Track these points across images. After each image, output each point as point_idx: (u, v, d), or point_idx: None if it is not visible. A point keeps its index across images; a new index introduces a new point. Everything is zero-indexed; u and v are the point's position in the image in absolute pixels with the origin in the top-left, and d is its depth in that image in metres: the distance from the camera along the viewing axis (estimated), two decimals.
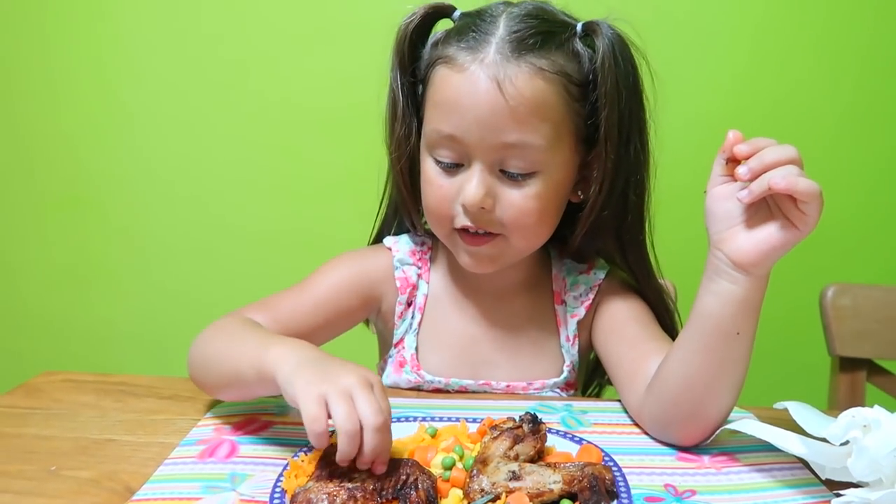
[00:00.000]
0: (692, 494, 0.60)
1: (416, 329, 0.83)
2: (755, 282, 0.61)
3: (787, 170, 0.57)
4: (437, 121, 0.71)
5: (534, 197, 0.71)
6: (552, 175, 0.71)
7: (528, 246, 0.77)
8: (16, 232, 1.65)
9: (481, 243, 0.74)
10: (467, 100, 0.68)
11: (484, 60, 0.67)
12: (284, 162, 1.56)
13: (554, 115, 0.69)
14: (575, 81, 0.70)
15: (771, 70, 1.46)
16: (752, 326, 0.64)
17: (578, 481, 0.56)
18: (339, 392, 0.53)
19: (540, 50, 0.68)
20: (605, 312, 0.81)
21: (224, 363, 0.67)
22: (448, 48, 0.70)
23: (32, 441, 0.68)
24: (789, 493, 0.60)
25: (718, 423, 0.66)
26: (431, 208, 0.76)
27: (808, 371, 1.28)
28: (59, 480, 0.61)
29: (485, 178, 0.70)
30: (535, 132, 0.68)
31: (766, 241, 0.59)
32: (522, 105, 0.67)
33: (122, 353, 1.67)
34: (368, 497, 0.54)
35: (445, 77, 0.70)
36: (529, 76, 0.67)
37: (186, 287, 1.64)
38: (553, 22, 0.71)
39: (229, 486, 0.59)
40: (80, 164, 1.61)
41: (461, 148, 0.70)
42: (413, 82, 0.76)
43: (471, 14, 0.73)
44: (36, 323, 1.70)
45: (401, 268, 0.83)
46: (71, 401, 0.77)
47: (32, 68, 1.56)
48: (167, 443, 0.67)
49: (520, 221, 0.72)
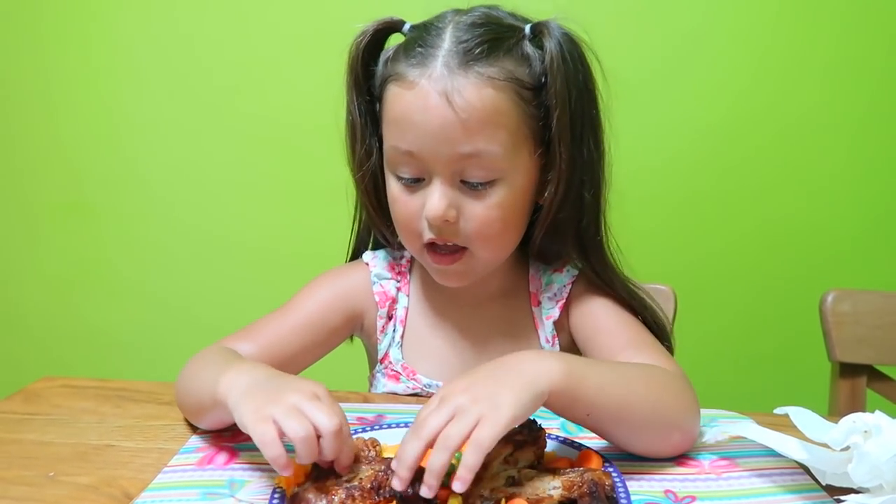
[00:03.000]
0: (692, 500, 0.59)
1: (399, 342, 0.83)
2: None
3: None
4: (394, 138, 0.71)
5: (496, 206, 0.71)
6: (513, 181, 0.71)
7: (496, 256, 0.77)
8: (14, 239, 1.66)
9: (448, 262, 0.74)
10: (419, 116, 0.67)
11: (432, 75, 0.67)
12: (281, 169, 1.56)
13: (508, 122, 0.68)
14: (526, 85, 0.69)
15: (769, 75, 1.46)
16: (589, 408, 0.61)
17: (578, 487, 0.56)
18: (287, 409, 0.54)
19: (488, 58, 0.67)
20: (578, 312, 0.81)
21: (191, 395, 0.69)
22: (398, 65, 0.70)
23: (31, 447, 0.68)
24: (790, 498, 0.60)
25: (678, 442, 0.65)
26: (400, 225, 0.76)
27: (808, 377, 1.28)
28: (58, 486, 0.60)
29: (446, 191, 0.70)
30: (491, 141, 0.68)
31: None
32: (473, 116, 0.66)
33: (121, 359, 1.67)
34: (366, 496, 0.54)
35: (396, 95, 0.69)
36: (478, 86, 0.66)
37: (184, 293, 1.64)
38: (500, 27, 0.70)
39: (228, 492, 0.59)
40: (77, 171, 1.61)
41: (420, 163, 0.70)
42: (370, 101, 0.75)
43: (419, 27, 0.72)
44: (34, 329, 1.70)
45: (378, 282, 0.84)
46: (70, 406, 0.77)
47: (28, 74, 1.57)
48: (166, 449, 0.67)
49: (484, 232, 0.72)
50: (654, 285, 1.10)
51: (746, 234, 1.53)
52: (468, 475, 0.51)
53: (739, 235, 1.53)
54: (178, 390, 0.73)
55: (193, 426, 0.71)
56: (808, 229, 1.52)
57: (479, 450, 0.51)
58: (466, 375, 0.58)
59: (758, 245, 1.53)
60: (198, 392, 0.67)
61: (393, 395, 0.82)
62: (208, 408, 0.65)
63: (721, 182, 1.51)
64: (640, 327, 0.78)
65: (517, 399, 0.54)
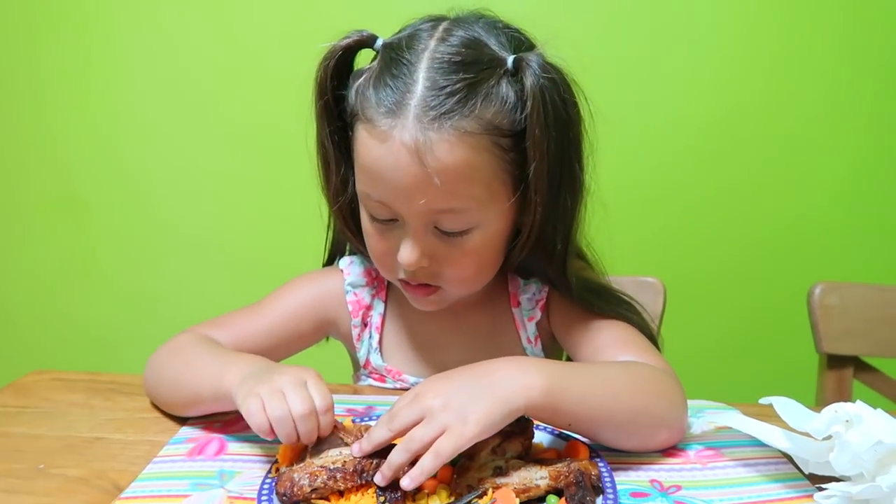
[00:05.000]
0: (677, 490, 0.60)
1: (378, 348, 0.83)
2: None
3: None
4: (365, 185, 0.68)
5: (471, 252, 0.69)
6: (488, 227, 0.68)
7: (471, 290, 0.75)
8: (4, 235, 1.65)
9: (423, 294, 0.73)
10: (390, 173, 0.64)
11: (404, 128, 0.62)
12: (268, 168, 1.56)
13: (483, 176, 0.65)
14: (505, 133, 0.64)
15: (758, 68, 1.47)
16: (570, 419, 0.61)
17: (565, 477, 0.56)
18: (272, 391, 0.58)
19: (463, 109, 0.62)
20: (558, 312, 0.81)
21: (182, 386, 0.70)
22: (367, 104, 0.64)
23: (21, 440, 0.68)
24: (773, 487, 0.60)
25: (666, 439, 0.66)
26: (374, 258, 0.75)
27: (795, 368, 1.29)
28: (48, 479, 0.61)
29: (419, 240, 0.67)
30: (464, 197, 0.65)
31: None
32: (447, 175, 0.62)
33: (110, 354, 1.67)
34: (349, 478, 0.55)
35: (367, 143, 0.65)
36: (452, 145, 0.62)
37: (171, 289, 1.65)
38: (480, 64, 0.63)
39: (218, 483, 0.60)
40: (70, 165, 1.61)
41: (392, 210, 0.67)
42: (341, 126, 0.71)
43: (391, 48, 0.66)
44: (24, 324, 1.70)
45: (352, 291, 0.83)
46: (60, 400, 0.77)
47: (19, 72, 1.56)
48: (156, 441, 0.67)
49: (459, 276, 0.71)
50: (642, 278, 1.11)
51: (735, 227, 1.54)
52: (420, 478, 0.53)
53: (728, 228, 1.54)
54: (159, 379, 0.73)
55: (183, 420, 0.71)
56: (797, 222, 1.53)
57: (436, 458, 0.53)
58: (446, 377, 0.59)
59: (746, 238, 1.54)
60: (196, 383, 0.68)
61: (383, 388, 0.83)
62: (207, 399, 0.67)
63: (709, 175, 1.52)
64: (622, 324, 0.76)
65: (487, 415, 0.55)
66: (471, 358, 0.61)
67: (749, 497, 0.59)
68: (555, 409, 0.59)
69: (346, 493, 0.56)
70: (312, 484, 0.55)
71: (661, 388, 0.66)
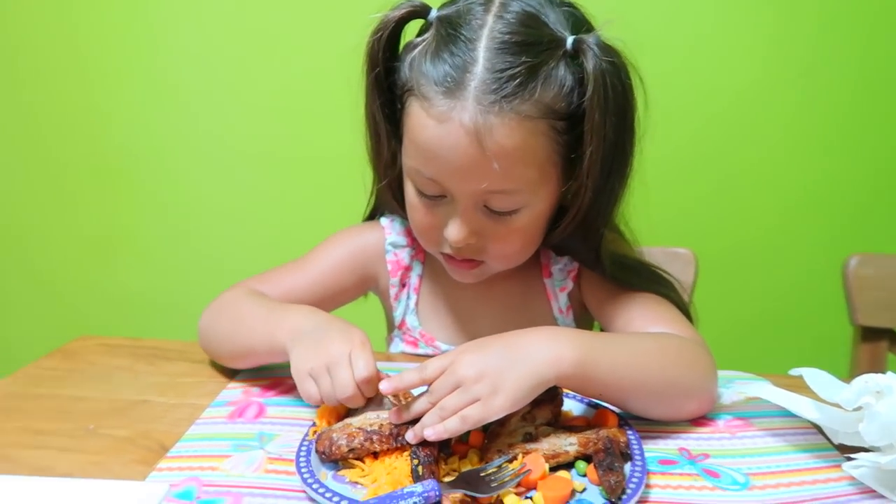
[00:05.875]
0: (705, 458, 0.61)
1: (414, 309, 0.85)
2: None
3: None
4: (416, 162, 0.68)
5: (517, 230, 0.70)
6: (536, 207, 0.69)
7: (512, 266, 0.76)
8: (50, 205, 1.69)
9: (465, 268, 0.74)
10: (446, 153, 0.64)
11: (463, 110, 0.61)
12: (312, 129, 1.56)
13: (538, 159, 0.65)
14: (561, 115, 0.64)
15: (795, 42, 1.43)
16: (601, 389, 0.62)
17: (594, 443, 0.57)
18: (321, 368, 0.60)
19: (524, 91, 0.61)
20: (589, 283, 0.81)
21: (236, 339, 0.72)
22: (424, 80, 0.64)
23: (69, 401, 0.71)
24: (802, 457, 0.61)
25: (695, 409, 0.67)
26: (417, 231, 0.75)
27: (829, 340, 1.27)
28: (97, 438, 0.64)
29: (468, 218, 0.68)
30: (518, 179, 0.65)
31: None
32: (504, 158, 0.63)
33: (150, 319, 1.72)
34: (384, 441, 0.57)
35: (422, 121, 0.64)
36: (511, 128, 0.62)
37: (210, 255, 1.67)
38: (539, 45, 0.62)
39: (258, 444, 0.62)
40: (109, 135, 1.63)
41: (443, 188, 0.68)
42: (391, 99, 0.70)
43: (447, 22, 0.65)
44: (70, 290, 1.75)
45: (392, 251, 0.84)
46: (105, 364, 0.80)
47: (61, 41, 1.58)
48: (198, 404, 0.70)
49: (503, 252, 0.72)
50: (674, 248, 1.10)
51: (770, 197, 1.51)
52: (443, 434, 0.55)
53: (762, 198, 1.52)
54: (213, 333, 0.76)
55: (222, 383, 0.74)
56: (833, 192, 1.50)
57: (462, 422, 0.55)
58: (479, 347, 0.60)
59: (781, 207, 1.52)
60: (250, 337, 0.70)
61: (415, 355, 0.84)
62: (261, 352, 0.70)
63: (744, 144, 1.49)
64: (654, 297, 0.76)
65: (517, 388, 0.56)
66: (503, 327, 0.62)
67: (777, 466, 0.60)
68: (585, 380, 0.60)
69: (380, 455, 0.58)
70: (350, 444, 0.57)
71: (692, 358, 0.67)
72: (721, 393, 0.72)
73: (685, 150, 1.49)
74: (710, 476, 0.58)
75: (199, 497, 0.54)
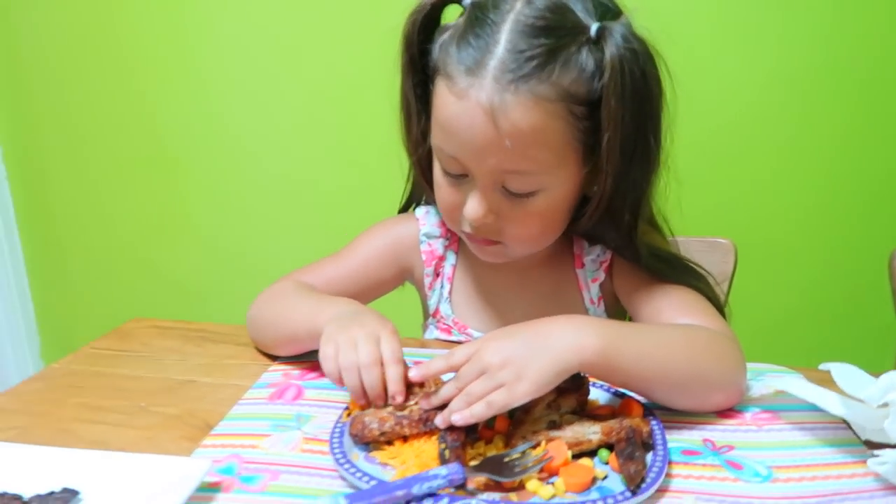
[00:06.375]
0: (730, 450, 0.61)
1: (448, 298, 0.87)
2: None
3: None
4: (439, 139, 0.70)
5: (536, 213, 0.71)
6: (555, 191, 0.70)
7: (533, 250, 0.77)
8: (105, 192, 1.77)
9: (486, 244, 0.76)
10: (464, 130, 0.66)
11: (481, 88, 0.63)
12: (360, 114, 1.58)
13: (554, 142, 0.66)
14: (580, 100, 0.65)
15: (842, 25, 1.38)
16: (625, 378, 0.64)
17: (617, 433, 0.59)
18: (347, 340, 0.64)
19: (541, 74, 0.63)
20: (621, 274, 0.82)
21: (280, 325, 0.77)
22: (449, 59, 0.66)
23: (124, 380, 0.76)
24: (828, 451, 0.61)
25: (721, 401, 0.67)
26: (442, 211, 0.78)
27: (872, 335, 1.25)
28: (149, 416, 0.68)
29: (486, 197, 0.70)
30: (533, 161, 0.66)
31: None
32: (518, 138, 0.64)
33: (200, 302, 1.79)
34: (413, 425, 0.60)
35: (445, 98, 0.67)
36: (527, 108, 0.63)
37: (261, 240, 1.73)
38: (563, 31, 0.64)
39: (295, 425, 0.65)
40: (157, 126, 1.69)
41: (464, 166, 0.70)
42: (424, 79, 0.73)
43: (478, 8, 0.67)
44: (124, 273, 1.83)
45: (426, 241, 0.87)
46: (157, 345, 0.85)
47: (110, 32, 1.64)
48: (240, 385, 0.74)
49: (521, 235, 0.73)
50: (713, 238, 1.09)
51: (812, 186, 1.48)
52: (469, 419, 0.57)
53: (805, 187, 1.48)
54: (261, 321, 0.80)
55: (264, 365, 0.78)
56: (879, 182, 1.45)
57: (488, 408, 0.58)
58: (505, 335, 0.62)
59: (824, 198, 1.48)
60: (294, 324, 0.75)
61: (448, 342, 0.87)
62: (303, 339, 0.74)
63: (786, 131, 1.45)
64: (686, 289, 0.77)
65: (540, 374, 0.58)
66: (534, 316, 0.64)
67: (802, 460, 0.60)
68: (609, 369, 0.62)
69: (409, 439, 0.61)
70: (381, 428, 0.60)
71: (719, 351, 0.67)
72: (750, 385, 0.71)
73: (726, 139, 1.46)
74: (732, 468, 0.59)
75: (239, 473, 0.58)
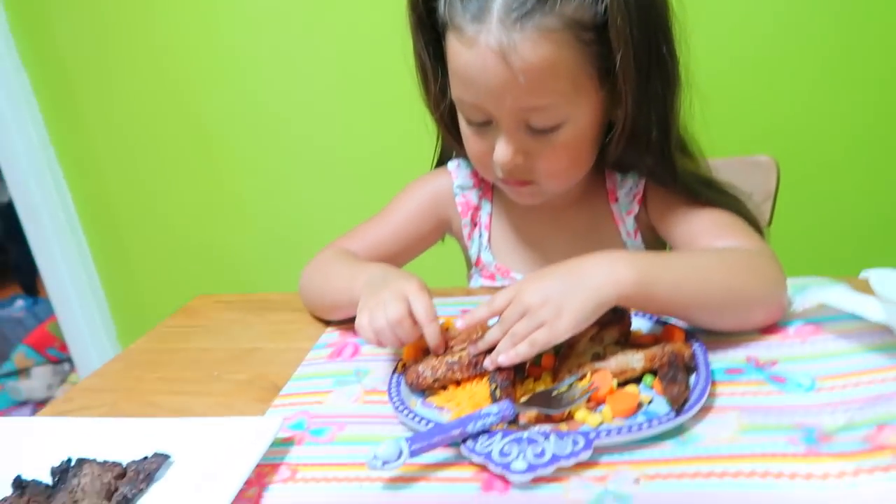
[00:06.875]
0: (773, 365, 0.63)
1: (488, 245, 0.90)
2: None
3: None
4: (458, 90, 0.72)
5: (563, 146, 0.72)
6: (578, 120, 0.71)
7: (568, 185, 0.79)
8: (153, 176, 1.84)
9: (520, 186, 0.77)
10: (479, 76, 0.68)
11: (489, 32, 0.65)
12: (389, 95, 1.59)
13: (568, 72, 0.67)
14: (587, 26, 0.66)
15: None
16: (663, 307, 0.66)
17: (659, 359, 0.61)
18: (376, 304, 0.66)
19: (544, 6, 0.64)
20: (655, 203, 0.82)
21: (325, 295, 0.82)
22: (455, 12, 0.68)
23: (196, 353, 0.82)
24: (871, 357, 0.62)
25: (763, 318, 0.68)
26: (473, 160, 0.80)
27: None
28: (222, 383, 0.74)
29: (512, 138, 0.71)
30: (551, 93, 0.68)
31: None
32: (532, 73, 0.65)
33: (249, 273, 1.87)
34: (464, 369, 0.64)
35: (456, 49, 0.69)
36: (535, 43, 0.64)
37: (299, 210, 1.78)
38: None
39: (355, 380, 0.70)
40: (201, 111, 1.73)
41: (486, 112, 0.71)
42: (436, 38, 0.74)
43: None
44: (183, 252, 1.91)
45: (461, 193, 0.89)
46: (222, 318, 0.90)
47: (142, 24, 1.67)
48: (301, 348, 0.78)
49: (553, 169, 0.74)
50: (754, 157, 1.08)
51: (856, 100, 1.40)
52: (515, 359, 0.61)
53: (848, 100, 1.41)
54: (309, 291, 0.85)
55: (321, 327, 0.83)
56: None
57: (531, 346, 0.60)
58: (542, 276, 0.64)
59: (868, 111, 1.40)
60: (334, 293, 0.80)
61: (493, 287, 0.90)
62: (344, 306, 0.77)
63: (828, 42, 1.37)
64: (720, 210, 0.77)
65: (580, 310, 0.60)
66: (573, 253, 0.66)
67: (846, 368, 0.61)
68: (647, 299, 0.64)
69: (461, 383, 0.64)
70: (434, 375, 0.64)
71: (757, 269, 0.68)
72: (793, 299, 0.72)
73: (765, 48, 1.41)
74: (775, 381, 0.61)
75: (309, 427, 0.63)
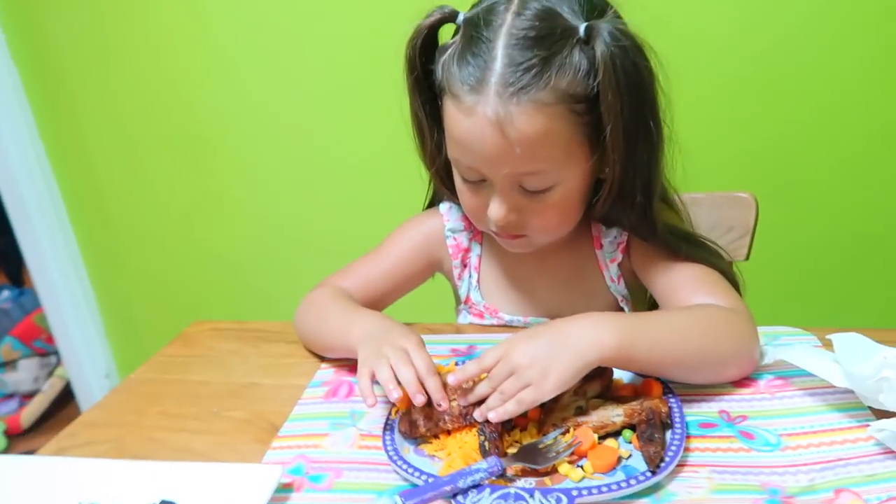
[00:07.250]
0: (743, 420, 0.68)
1: (477, 286, 0.94)
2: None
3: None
4: (455, 152, 0.76)
5: (554, 206, 0.76)
6: (570, 182, 0.75)
7: (555, 237, 0.83)
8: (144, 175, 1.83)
9: (512, 238, 0.81)
10: (475, 143, 0.71)
11: (486, 104, 0.69)
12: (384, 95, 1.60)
13: (561, 141, 0.71)
14: (579, 98, 0.69)
15: None
16: (641, 367, 0.71)
17: (638, 414, 0.65)
18: (380, 359, 0.69)
19: (539, 81, 0.67)
20: (637, 253, 0.86)
21: (320, 336, 0.86)
22: (453, 80, 0.71)
23: (195, 386, 0.84)
24: (835, 416, 0.66)
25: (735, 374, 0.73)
26: (468, 213, 0.84)
27: None
28: (221, 420, 0.77)
29: (506, 198, 0.75)
30: (544, 161, 0.72)
31: None
32: (527, 143, 0.69)
33: (245, 277, 1.87)
34: (455, 420, 0.68)
35: (454, 115, 0.72)
36: (530, 116, 0.68)
37: (297, 216, 1.77)
38: (554, 37, 0.68)
39: (350, 422, 0.73)
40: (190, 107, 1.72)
41: (481, 173, 0.75)
42: (432, 95, 0.78)
43: (471, 24, 0.72)
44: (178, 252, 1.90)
45: (452, 236, 0.93)
46: (219, 348, 0.93)
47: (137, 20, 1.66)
48: (297, 384, 0.81)
49: (544, 226, 0.79)
50: (734, 193, 1.11)
51: (837, 138, 1.41)
52: (504, 416, 0.64)
53: (830, 139, 1.41)
54: (304, 329, 0.89)
55: (315, 363, 0.86)
56: None
57: (518, 405, 0.65)
58: (529, 337, 0.68)
59: (850, 150, 1.41)
60: (329, 336, 0.83)
61: (481, 326, 0.93)
62: (338, 348, 0.82)
63: (811, 79, 1.39)
64: (699, 265, 0.81)
65: (565, 371, 0.65)
66: (559, 296, 0.70)
67: (810, 426, 0.66)
68: (627, 360, 0.68)
69: (452, 432, 0.68)
70: (426, 425, 0.68)
71: (730, 326, 0.73)
72: (766, 350, 0.76)
73: (745, 84, 1.43)
74: (745, 438, 0.65)
75: (307, 473, 0.66)
